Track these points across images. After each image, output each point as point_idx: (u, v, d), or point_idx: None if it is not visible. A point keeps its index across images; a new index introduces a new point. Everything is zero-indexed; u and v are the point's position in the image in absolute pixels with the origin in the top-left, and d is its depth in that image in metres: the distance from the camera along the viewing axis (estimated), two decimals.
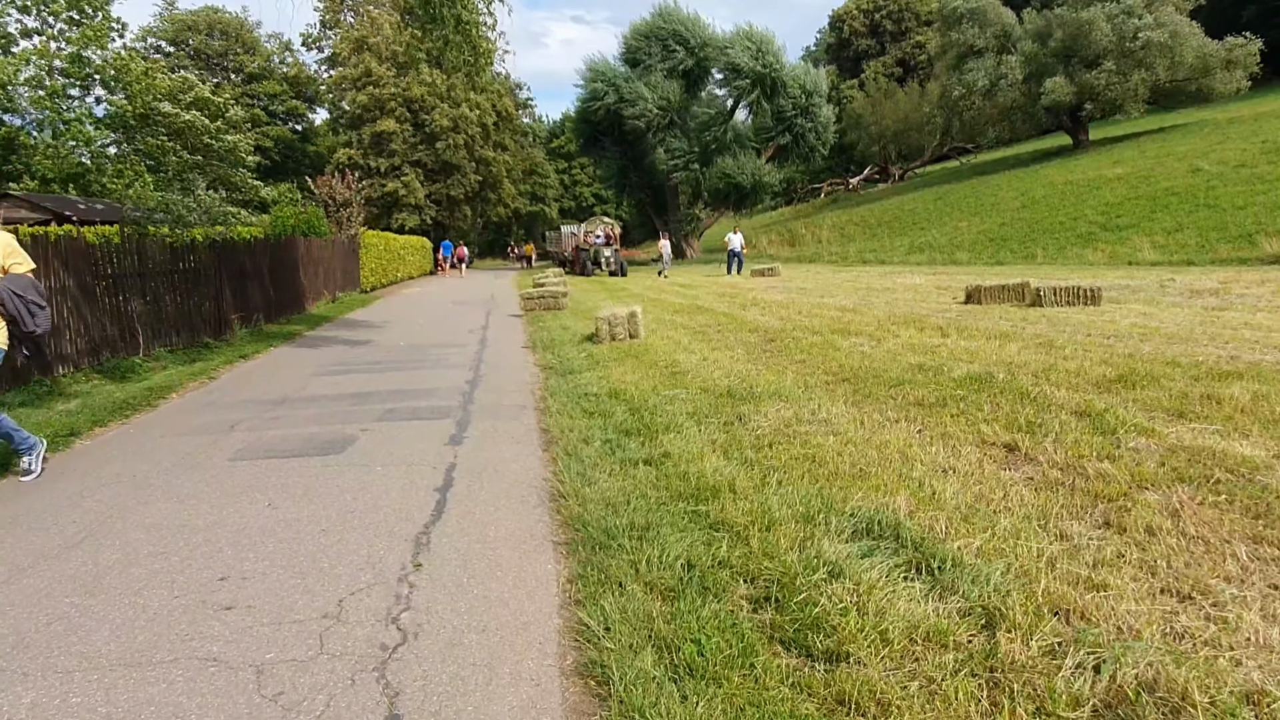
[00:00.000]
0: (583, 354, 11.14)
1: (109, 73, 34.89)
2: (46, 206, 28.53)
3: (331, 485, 5.48)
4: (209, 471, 5.95)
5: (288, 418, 7.80)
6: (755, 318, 14.40)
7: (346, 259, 24.63)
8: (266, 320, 16.20)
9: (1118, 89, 41.82)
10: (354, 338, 14.90)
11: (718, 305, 17.56)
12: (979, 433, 5.60)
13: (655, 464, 5.50)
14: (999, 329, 11.19)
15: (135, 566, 4.15)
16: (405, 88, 53.65)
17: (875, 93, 68.50)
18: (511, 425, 7.27)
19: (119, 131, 37.61)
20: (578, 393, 8.29)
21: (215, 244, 13.86)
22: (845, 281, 24.50)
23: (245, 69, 67.35)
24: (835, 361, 8.90)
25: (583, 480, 5.24)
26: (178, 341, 12.65)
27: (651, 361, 9.85)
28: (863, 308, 15.41)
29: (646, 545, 4.02)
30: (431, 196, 55.49)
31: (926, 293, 18.68)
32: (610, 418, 7.00)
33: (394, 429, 7.19)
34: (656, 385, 8.27)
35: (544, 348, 12.30)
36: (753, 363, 9.37)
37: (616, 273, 36.48)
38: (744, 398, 7.28)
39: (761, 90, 45.85)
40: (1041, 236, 32.12)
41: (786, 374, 8.37)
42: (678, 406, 7.15)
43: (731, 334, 12.20)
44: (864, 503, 4.34)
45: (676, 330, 13.14)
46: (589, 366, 9.92)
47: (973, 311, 14.23)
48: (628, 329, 12.33)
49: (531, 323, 16.60)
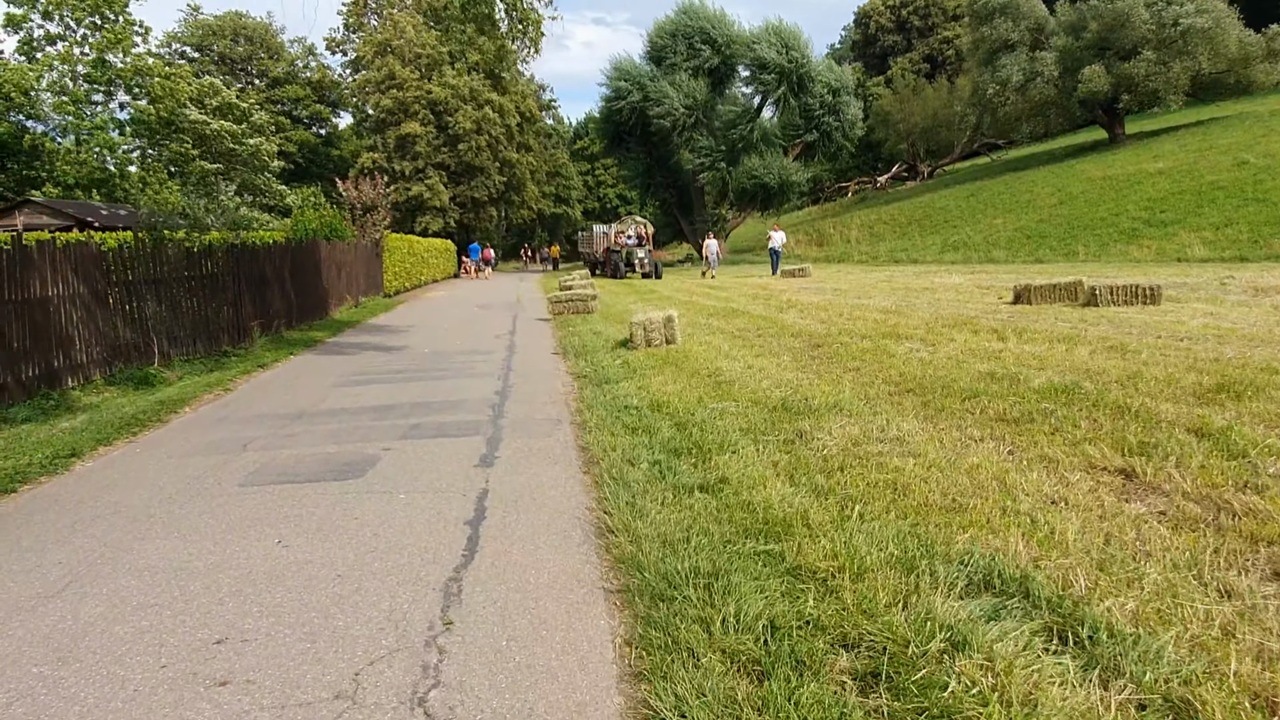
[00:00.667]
0: (618, 361, 10.52)
1: (130, 76, 34.60)
2: (68, 213, 28.39)
3: (349, 517, 4.88)
4: (216, 500, 5.37)
5: (305, 435, 7.23)
6: (795, 321, 13.71)
7: (369, 263, 24.18)
8: (287, 326, 15.73)
9: (1158, 79, 40.69)
10: (377, 344, 14.38)
11: (753, 308, 16.88)
12: (1084, 455, 4.90)
13: (712, 491, 4.86)
14: (1060, 331, 10.45)
15: (121, 623, 3.56)
16: (428, 90, 53.38)
17: (903, 89, 67.40)
18: (547, 443, 6.65)
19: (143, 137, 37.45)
20: (616, 405, 7.66)
21: (233, 248, 13.38)
22: (880, 282, 23.73)
23: (269, 74, 67.42)
24: (893, 369, 8.21)
25: (632, 511, 4.61)
26: (195, 350, 12.16)
27: (693, 370, 9.21)
28: (906, 309, 14.68)
29: (717, 597, 3.39)
30: (455, 199, 55.12)
31: (969, 293, 17.90)
32: (655, 434, 6.37)
33: (419, 448, 6.59)
34: (701, 397, 7.63)
35: (576, 354, 11.69)
36: (802, 371, 8.69)
37: (650, 275, 34.72)
38: (801, 411, 6.62)
39: (789, 86, 45.00)
40: (1082, 233, 31.18)
41: (843, 384, 7.69)
42: (728, 421, 6.50)
43: (773, 339, 11.53)
44: (971, 545, 3.67)
45: (714, 335, 12.49)
46: (626, 375, 9.30)
47: (1024, 312, 13.47)
48: (664, 334, 11.70)
49: (560, 327, 16.01)
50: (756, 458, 5.44)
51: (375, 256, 24.98)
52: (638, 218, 40.91)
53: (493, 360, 11.79)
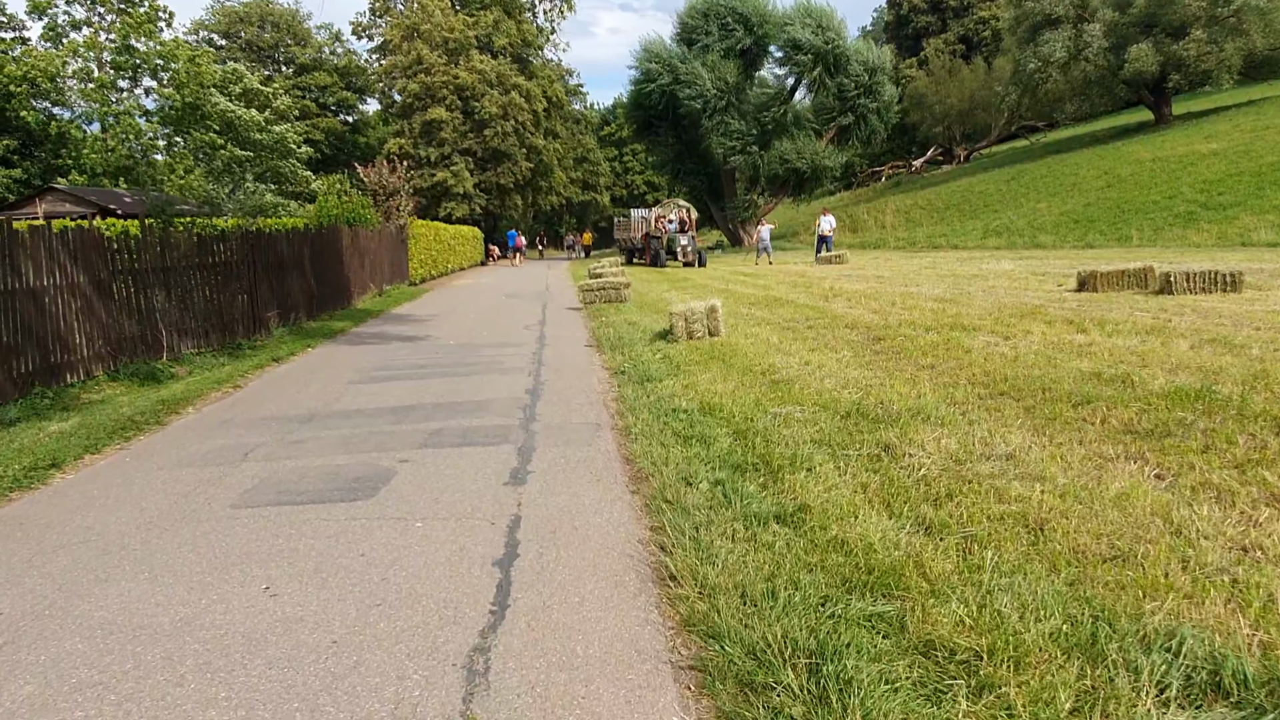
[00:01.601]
0: (658, 355, 9.64)
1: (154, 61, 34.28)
2: (91, 200, 27.94)
3: (354, 554, 4.04)
4: (202, 525, 4.57)
5: (314, 441, 6.42)
6: (845, 310, 12.75)
7: (394, 250, 23.46)
8: (308, 317, 15.00)
9: (1210, 59, 39.08)
10: (400, 335, 13.60)
11: (795, 296, 15.92)
12: (1262, 483, 3.95)
13: (792, 523, 3.98)
14: (1143, 323, 9.42)
15: (47, 716, 2.75)
16: (455, 75, 52.60)
17: (939, 70, 65.63)
18: (586, 453, 5.79)
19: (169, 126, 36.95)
20: (662, 407, 6.79)
21: (248, 234, 12.63)
22: (924, 268, 22.65)
23: (296, 60, 67.02)
24: (974, 367, 7.25)
25: (697, 549, 3.74)
26: (208, 342, 11.44)
27: (744, 366, 8.30)
28: (961, 298, 13.66)
29: (831, 693, 2.51)
30: (481, 186, 54.38)
31: (1024, 280, 16.81)
32: (711, 444, 5.49)
33: (440, 459, 5.76)
34: (759, 398, 6.73)
35: (611, 347, 10.82)
36: (869, 368, 7.76)
37: (693, 263, 31.95)
38: (880, 418, 5.70)
39: (824, 67, 43.64)
40: (1134, 217, 29.87)
41: (920, 384, 6.75)
42: (796, 430, 5.60)
43: (827, 331, 10.58)
44: (1174, 622, 2.75)
45: (760, 326, 11.56)
46: (669, 372, 8.41)
47: (1093, 300, 12.43)
48: (707, 325, 10.79)
49: (593, 317, 15.15)
50: (838, 478, 4.55)
51: (400, 243, 24.26)
52: (680, 201, 38.10)
53: (522, 353, 10.96)
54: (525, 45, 57.81)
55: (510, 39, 56.07)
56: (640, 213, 40.63)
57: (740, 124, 45.88)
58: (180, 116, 35.54)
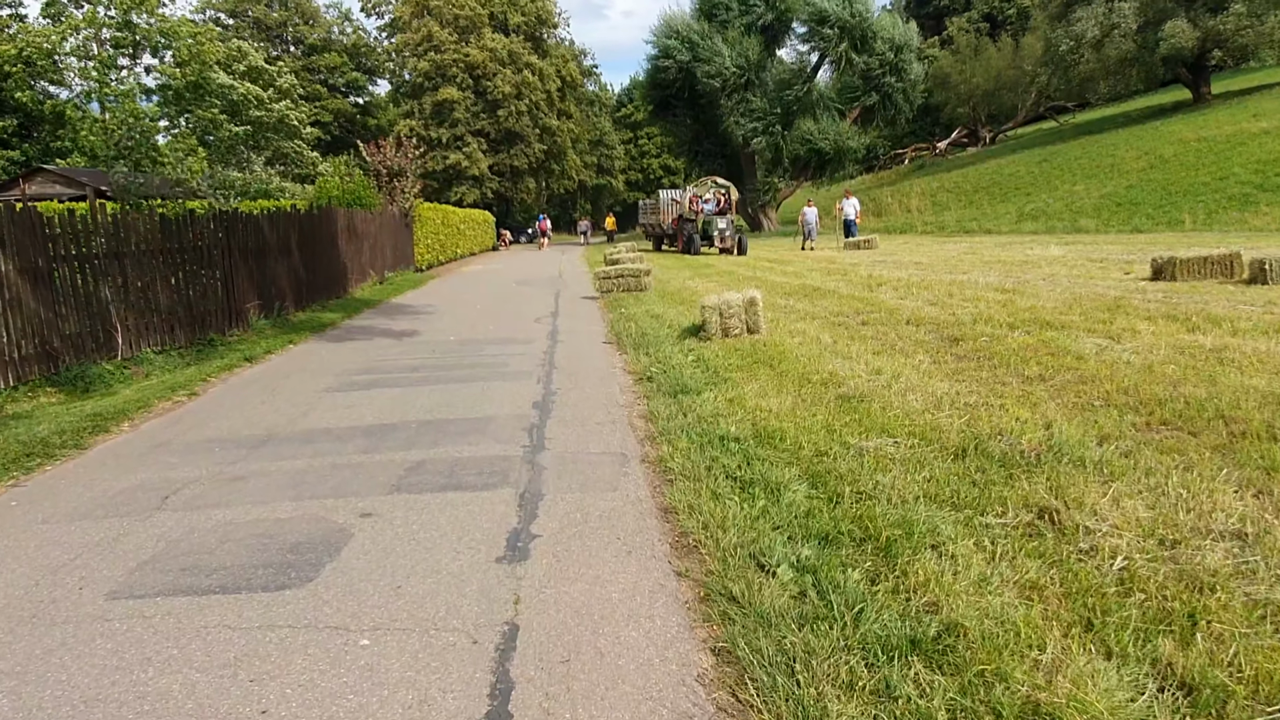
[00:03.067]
0: (690, 357, 8.13)
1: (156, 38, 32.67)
2: (82, 181, 26.62)
3: (255, 709, 2.58)
4: (49, 635, 3.10)
5: (258, 479, 4.96)
6: (897, 302, 11.20)
7: (398, 234, 21.97)
8: (295, 307, 13.57)
9: (1250, 33, 37.18)
10: (396, 330, 12.13)
11: (834, 285, 14.36)
12: None
13: (940, 660, 2.49)
14: (1262, 319, 7.87)
15: None
16: (467, 54, 51.01)
17: (965, 49, 63.46)
18: (610, 502, 4.31)
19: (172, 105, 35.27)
20: (705, 432, 5.30)
21: (222, 217, 11.17)
22: (964, 254, 21.03)
23: (305, 40, 65.47)
24: (1102, 381, 5.70)
25: (800, 714, 2.27)
26: (173, 339, 10.00)
27: (798, 374, 6.78)
28: (1023, 288, 12.08)
29: None
30: (494, 168, 52.88)
31: (1082, 267, 15.20)
32: (780, 494, 4.01)
33: (414, 513, 4.27)
34: (829, 422, 5.23)
35: (634, 345, 9.32)
36: (958, 379, 6.22)
37: (731, 250, 28.26)
38: (1011, 460, 4.18)
39: (850, 43, 41.70)
40: (1182, 199, 28.14)
41: (1042, 405, 5.21)
42: (896, 476, 4.10)
43: (886, 328, 9.04)
44: None
45: (804, 321, 10.03)
46: (707, 380, 6.90)
47: (1178, 291, 10.88)
48: (745, 321, 9.26)
49: (610, 308, 13.66)
50: (987, 567, 3.05)
51: (404, 227, 22.77)
52: (718, 180, 34.26)
53: (531, 353, 9.46)
54: (540, 23, 56.11)
55: (525, 16, 54.37)
56: (670, 194, 37.29)
57: (762, 102, 44.07)
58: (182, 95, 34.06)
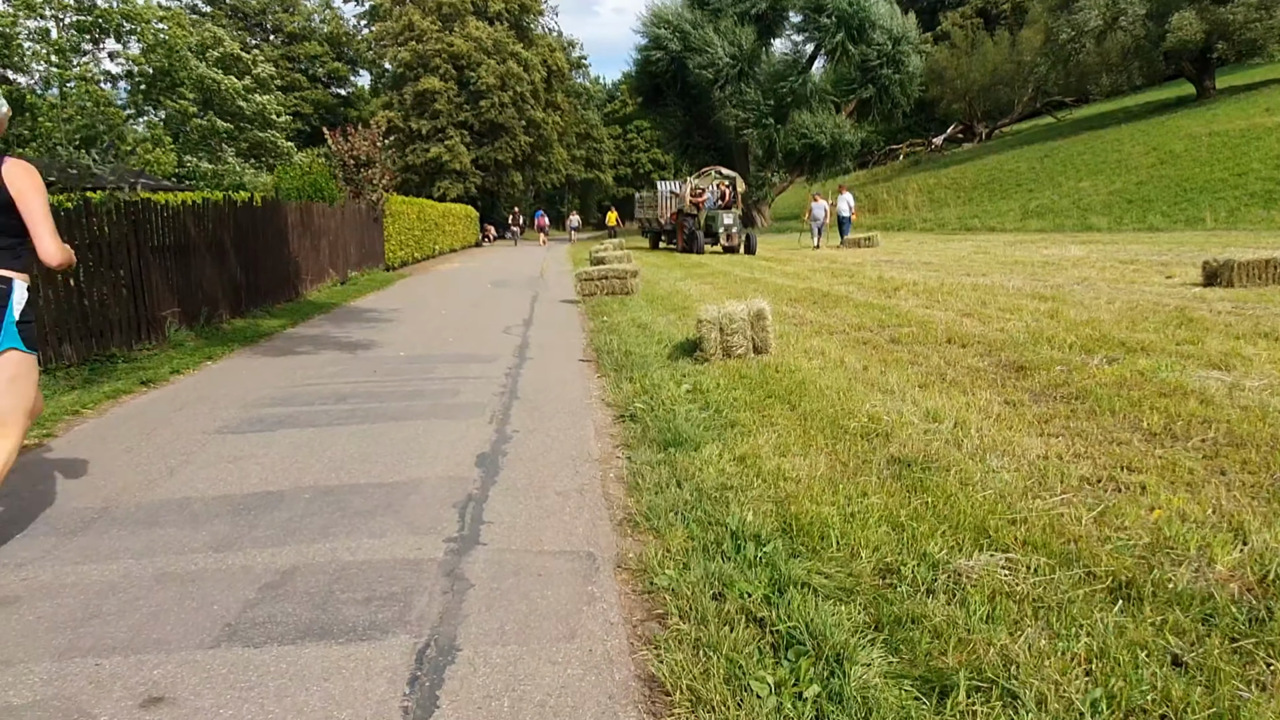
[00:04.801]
0: (683, 386, 6.46)
1: (117, 20, 30.48)
2: None
3: None
4: None
5: (30, 605, 3.26)
6: (924, 312, 9.57)
7: (365, 230, 20.19)
8: (233, 313, 11.83)
9: (1258, 26, 36.00)
10: (342, 341, 10.40)
11: (844, 289, 12.73)
12: None
13: None
14: None
15: None
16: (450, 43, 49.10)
17: (961, 43, 62.01)
18: (561, 672, 2.62)
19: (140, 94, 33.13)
20: (708, 520, 3.64)
21: (129, 208, 9.40)
22: (974, 254, 19.51)
23: (285, 28, 63.37)
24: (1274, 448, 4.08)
25: None
26: (60, 356, 8.26)
27: (828, 417, 5.11)
28: (1062, 295, 10.51)
29: None
30: (478, 162, 51.00)
31: (1113, 269, 13.67)
32: (842, 680, 2.35)
33: (234, 694, 2.59)
34: (891, 509, 3.58)
35: (616, 366, 7.64)
36: (1053, 433, 4.55)
37: (737, 248, 25.93)
38: (1223, 613, 2.55)
39: (848, 33, 40.06)
40: (1199, 196, 26.77)
41: (1207, 488, 3.57)
42: (1034, 642, 2.45)
43: (923, 347, 7.40)
44: None
45: (818, 336, 8.38)
46: (707, 425, 5.23)
47: (1250, 300, 9.38)
48: (750, 338, 7.59)
49: (592, 314, 12.00)
50: None
51: (373, 222, 20.99)
52: (722, 169, 31.65)
53: (492, 375, 7.77)
54: (524, 11, 54.17)
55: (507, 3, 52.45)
56: (669, 186, 34.91)
57: (755, 95, 42.41)
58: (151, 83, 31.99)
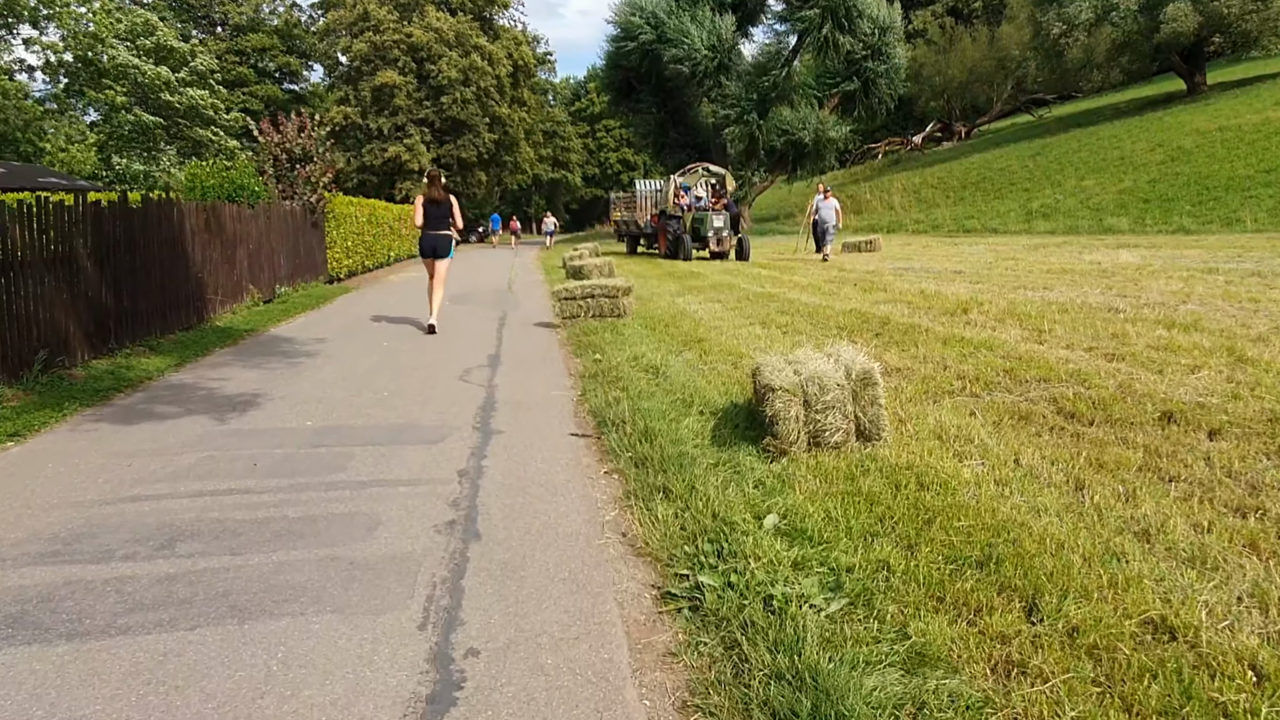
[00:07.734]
0: (766, 520, 3.66)
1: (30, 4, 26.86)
2: None
3: None
4: None
5: None
6: (1056, 356, 6.86)
7: (299, 236, 17.13)
8: (96, 351, 8.80)
9: (1254, 19, 34.48)
10: (231, 398, 7.40)
11: (901, 314, 10.01)
12: None
13: None
14: None
15: None
16: (409, 34, 45.92)
17: (940, 39, 60.27)
18: None
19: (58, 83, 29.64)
20: None
21: None
22: (998, 260, 17.16)
23: (231, 20, 59.70)
24: None
25: None
26: None
27: (1095, 625, 2.36)
28: (1199, 322, 7.90)
29: None
30: (440, 161, 47.84)
31: (1202, 280, 11.23)
32: None
33: None
34: None
35: (635, 459, 4.80)
36: None
37: (726, 254, 22.43)
38: None
39: (834, 22, 37.45)
40: (1226, 195, 24.82)
41: None
42: None
43: (1128, 429, 4.66)
44: None
45: (936, 403, 5.59)
46: (855, 641, 2.44)
47: None
48: (854, 414, 4.78)
49: (578, 347, 9.16)
50: None
51: (311, 227, 17.94)
52: (710, 167, 28.25)
53: (437, 477, 4.87)
54: (488, 1, 51.09)
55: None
56: (650, 184, 31.58)
57: (736, 88, 39.69)
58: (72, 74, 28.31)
